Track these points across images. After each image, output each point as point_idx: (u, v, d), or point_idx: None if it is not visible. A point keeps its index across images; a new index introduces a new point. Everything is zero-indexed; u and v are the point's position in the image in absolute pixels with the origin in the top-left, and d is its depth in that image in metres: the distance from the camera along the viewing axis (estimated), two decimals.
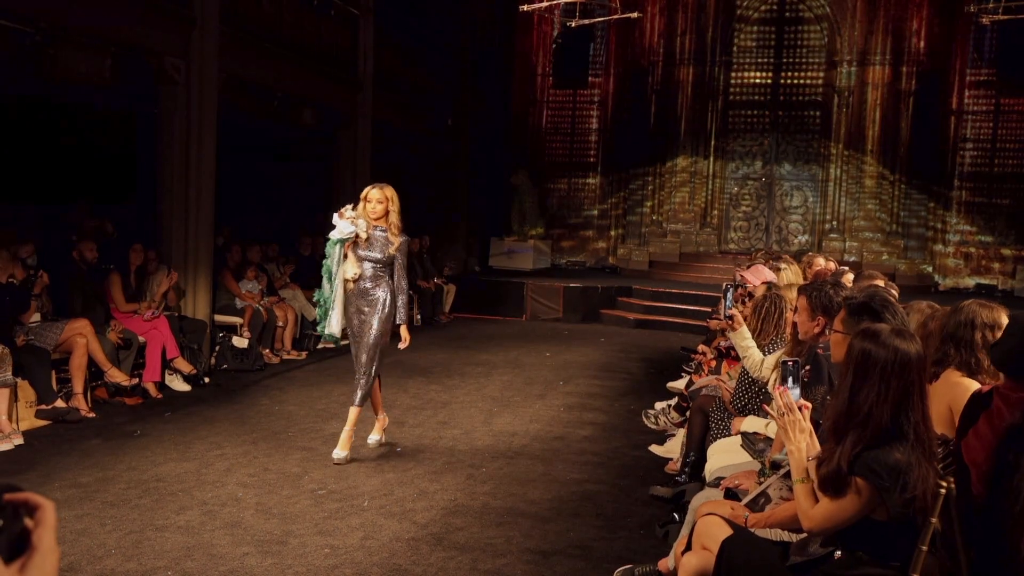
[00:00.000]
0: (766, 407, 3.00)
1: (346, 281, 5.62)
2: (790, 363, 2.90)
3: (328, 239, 5.61)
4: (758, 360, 4.53)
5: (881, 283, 5.09)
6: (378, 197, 5.58)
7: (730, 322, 4.63)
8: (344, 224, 5.53)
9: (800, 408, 2.71)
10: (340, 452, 5.58)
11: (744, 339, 4.58)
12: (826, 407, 3.14)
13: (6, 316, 6.23)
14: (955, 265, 15.09)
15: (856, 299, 3.29)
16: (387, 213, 5.60)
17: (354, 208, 5.62)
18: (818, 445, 2.69)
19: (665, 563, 3.68)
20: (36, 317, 6.59)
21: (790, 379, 2.84)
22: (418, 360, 9.39)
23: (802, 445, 2.65)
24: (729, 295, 4.88)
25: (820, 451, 2.63)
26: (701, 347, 7.15)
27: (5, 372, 5.81)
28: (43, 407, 6.22)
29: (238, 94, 9.07)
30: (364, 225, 5.56)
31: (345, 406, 7.10)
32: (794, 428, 2.67)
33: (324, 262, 5.69)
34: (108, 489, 4.92)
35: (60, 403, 6.32)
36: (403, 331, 5.77)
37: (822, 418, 3.29)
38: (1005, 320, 3.16)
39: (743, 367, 4.81)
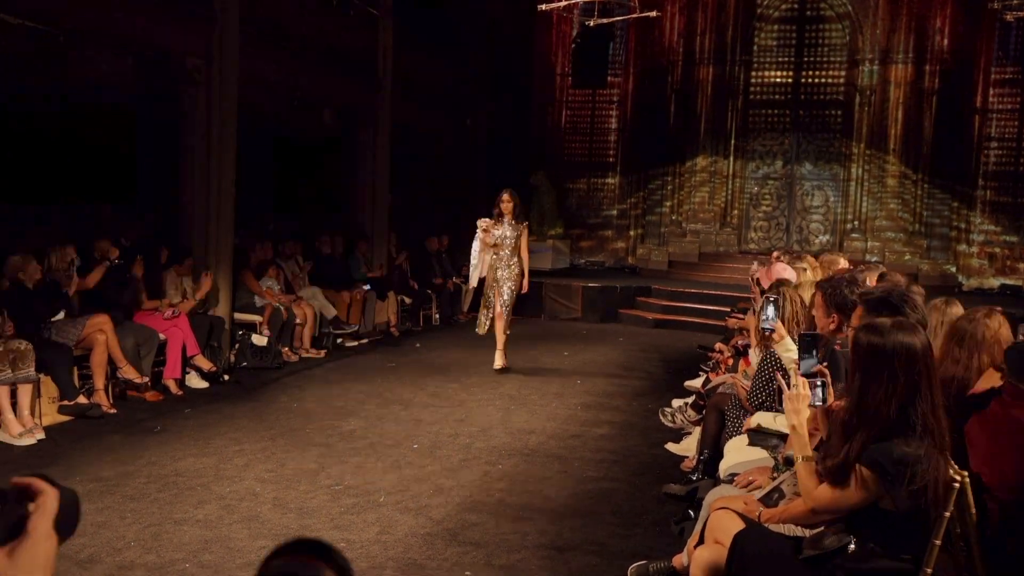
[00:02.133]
0: (778, 375, 3.01)
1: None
2: (808, 336, 2.92)
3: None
4: None
5: (903, 283, 5.02)
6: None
7: (771, 334, 4.53)
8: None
9: (817, 373, 2.73)
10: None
11: (787, 351, 4.48)
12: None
13: (36, 317, 6.33)
14: (979, 265, 14.91)
15: (874, 295, 3.26)
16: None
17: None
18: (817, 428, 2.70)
19: (679, 559, 3.68)
20: (60, 314, 6.67)
21: (812, 350, 2.87)
22: (436, 359, 9.42)
23: (803, 418, 2.65)
24: (770, 308, 4.67)
25: (827, 445, 2.62)
26: (719, 345, 7.12)
27: (28, 368, 5.89)
28: (65, 403, 6.31)
29: (258, 94, 9.14)
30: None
31: (363, 404, 7.17)
32: (796, 399, 2.67)
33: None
34: (128, 483, 4.97)
35: (82, 399, 6.40)
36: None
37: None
38: None
39: (759, 365, 4.78)
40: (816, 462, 2.65)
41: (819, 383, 2.91)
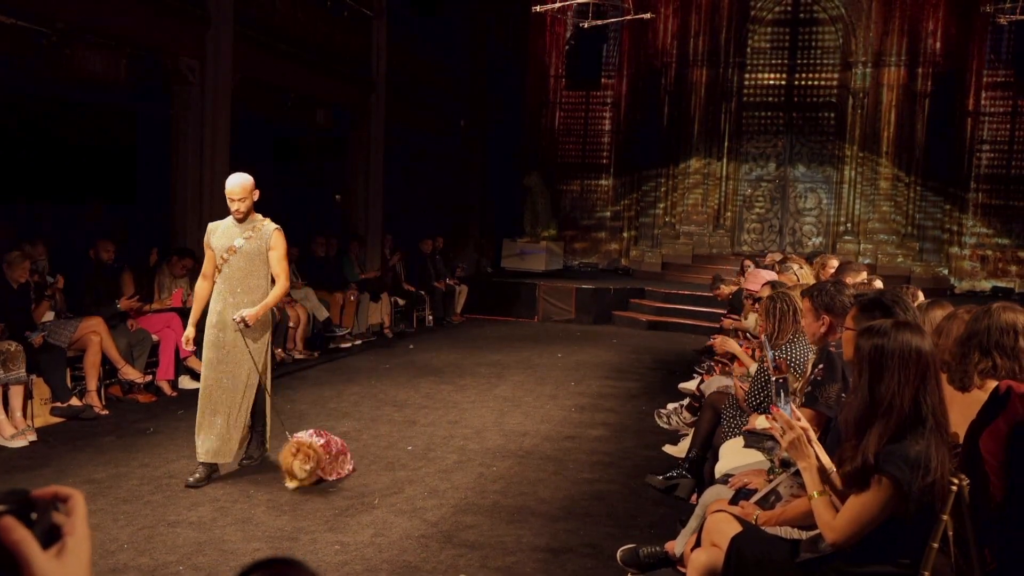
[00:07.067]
0: (769, 419, 2.99)
1: None
2: (780, 380, 2.90)
3: None
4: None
5: (864, 276, 5.05)
6: None
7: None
8: None
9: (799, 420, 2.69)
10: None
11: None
12: (843, 406, 3.12)
13: (19, 316, 6.28)
14: (971, 268, 14.97)
15: (867, 296, 3.27)
16: None
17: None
18: (823, 453, 2.65)
19: (672, 546, 3.67)
20: (50, 315, 6.63)
21: (782, 395, 2.85)
22: (430, 360, 9.40)
23: (811, 458, 2.61)
24: (783, 396, 3.92)
25: (840, 450, 2.60)
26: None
27: (18, 370, 5.85)
28: (58, 405, 6.26)
29: (251, 94, 9.12)
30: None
31: (356, 406, 7.14)
32: (801, 442, 2.63)
33: None
34: (121, 485, 4.94)
35: (75, 401, 6.35)
36: None
37: (838, 416, 3.27)
38: None
39: (759, 366, 4.79)
40: (830, 485, 2.62)
41: (783, 400, 2.91)
